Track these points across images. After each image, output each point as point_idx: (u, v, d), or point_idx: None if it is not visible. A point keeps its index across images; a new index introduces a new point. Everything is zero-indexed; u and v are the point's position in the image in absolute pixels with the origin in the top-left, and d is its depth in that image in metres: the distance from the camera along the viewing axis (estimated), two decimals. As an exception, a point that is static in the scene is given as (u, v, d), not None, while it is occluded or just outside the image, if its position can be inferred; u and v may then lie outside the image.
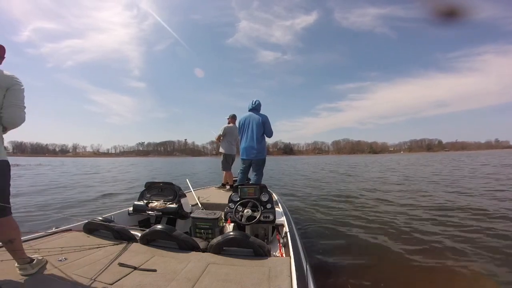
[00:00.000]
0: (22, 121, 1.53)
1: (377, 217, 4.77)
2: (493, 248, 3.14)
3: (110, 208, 5.80)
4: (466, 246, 3.23)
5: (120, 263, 1.50)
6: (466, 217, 4.61)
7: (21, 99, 1.51)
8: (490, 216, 4.61)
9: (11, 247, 1.42)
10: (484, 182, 9.17)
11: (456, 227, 4.05)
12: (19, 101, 1.50)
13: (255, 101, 4.12)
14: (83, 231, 2.09)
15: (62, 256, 1.61)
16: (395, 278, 2.58)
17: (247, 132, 4.03)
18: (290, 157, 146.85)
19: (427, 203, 5.94)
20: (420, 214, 4.90)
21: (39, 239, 1.92)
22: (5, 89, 1.46)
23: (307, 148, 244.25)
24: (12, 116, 1.47)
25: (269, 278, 1.36)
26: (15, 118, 1.49)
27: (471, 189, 7.68)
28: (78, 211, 5.70)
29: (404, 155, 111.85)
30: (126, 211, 2.86)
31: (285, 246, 2.01)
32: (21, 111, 1.51)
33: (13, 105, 1.46)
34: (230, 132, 4.94)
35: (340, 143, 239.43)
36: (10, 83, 1.47)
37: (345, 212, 5.31)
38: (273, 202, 2.57)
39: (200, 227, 2.28)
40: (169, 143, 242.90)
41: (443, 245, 3.30)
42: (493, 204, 5.51)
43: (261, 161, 4.04)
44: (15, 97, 1.48)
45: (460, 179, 10.59)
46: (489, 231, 3.76)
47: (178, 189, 2.89)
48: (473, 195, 6.81)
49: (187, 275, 1.39)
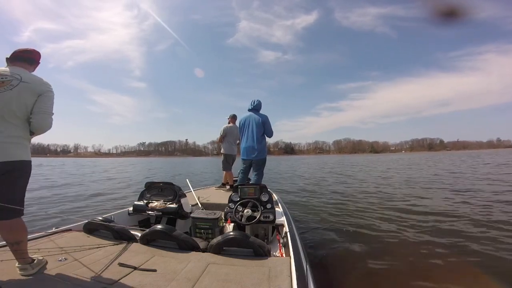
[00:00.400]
0: (49, 127, 1.58)
1: (377, 218, 4.76)
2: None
3: (110, 208, 5.81)
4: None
5: (120, 263, 1.50)
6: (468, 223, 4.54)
7: (50, 106, 1.58)
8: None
9: (17, 248, 1.43)
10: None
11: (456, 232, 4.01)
12: (49, 108, 1.56)
13: (255, 101, 4.11)
14: (83, 231, 2.09)
15: (62, 256, 1.61)
16: (395, 278, 2.58)
17: (247, 132, 4.03)
18: (291, 156, 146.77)
19: (429, 204, 5.92)
20: (421, 215, 4.88)
21: (39, 239, 1.92)
22: (38, 95, 1.52)
23: (308, 148, 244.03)
24: (41, 122, 1.53)
25: (269, 278, 1.35)
26: (43, 125, 1.54)
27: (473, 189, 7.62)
28: (77, 211, 5.70)
29: (405, 155, 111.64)
30: (126, 211, 2.86)
31: (285, 246, 2.00)
32: (49, 118, 1.57)
33: (42, 112, 1.52)
34: (230, 132, 4.93)
35: (341, 142, 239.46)
36: (43, 89, 1.55)
37: (345, 212, 5.30)
38: (273, 202, 2.57)
39: (200, 227, 2.28)
40: (170, 143, 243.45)
41: (444, 246, 3.29)
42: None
43: (261, 161, 4.04)
44: (46, 104, 1.54)
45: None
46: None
47: (178, 189, 2.89)
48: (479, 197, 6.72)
49: (187, 275, 1.39)
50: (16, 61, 1.59)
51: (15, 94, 1.44)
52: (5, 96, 1.42)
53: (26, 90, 1.48)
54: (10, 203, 1.38)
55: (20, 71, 1.53)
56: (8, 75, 1.48)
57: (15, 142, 1.44)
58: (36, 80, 1.54)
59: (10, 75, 1.49)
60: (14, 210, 1.41)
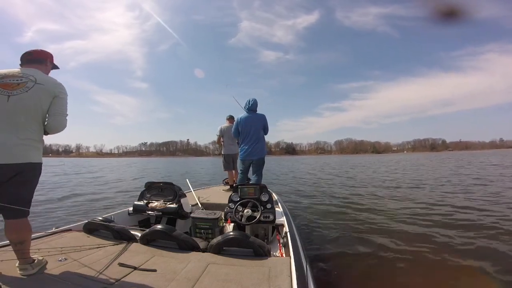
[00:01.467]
0: (64, 128, 1.62)
1: (377, 218, 4.76)
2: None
3: (110, 208, 5.82)
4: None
5: (120, 263, 1.49)
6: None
7: (65, 107, 1.61)
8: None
9: (20, 248, 1.43)
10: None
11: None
12: (64, 109, 1.60)
13: (251, 100, 4.03)
14: (83, 231, 2.09)
15: (62, 256, 1.61)
16: (395, 278, 2.58)
17: (246, 132, 4.02)
18: (292, 157, 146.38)
19: (433, 203, 5.92)
20: (422, 215, 4.89)
21: (39, 239, 1.92)
22: (53, 97, 1.55)
23: (310, 148, 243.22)
24: (56, 124, 1.57)
25: (269, 278, 1.35)
26: (59, 126, 1.58)
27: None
28: (76, 211, 5.71)
29: (407, 155, 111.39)
30: (126, 211, 2.86)
31: (285, 246, 2.00)
32: (65, 119, 1.60)
33: (58, 113, 1.56)
34: (227, 132, 4.91)
35: (343, 143, 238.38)
36: (58, 91, 1.57)
37: (345, 212, 5.30)
38: (273, 202, 2.57)
39: (200, 227, 2.28)
40: (171, 143, 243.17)
41: (445, 247, 3.29)
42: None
43: (261, 161, 4.04)
44: (61, 106, 1.58)
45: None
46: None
47: (178, 189, 2.89)
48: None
49: (187, 275, 1.39)
50: (28, 62, 1.60)
51: (31, 96, 1.45)
52: (21, 98, 1.43)
53: (42, 91, 1.49)
54: (18, 203, 1.40)
55: (34, 72, 1.54)
56: (23, 77, 1.49)
57: (29, 145, 1.45)
58: (50, 82, 1.56)
59: (25, 77, 1.49)
60: (22, 210, 1.43)
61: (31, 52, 1.63)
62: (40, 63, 1.64)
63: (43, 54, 1.68)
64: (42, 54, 1.68)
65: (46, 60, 1.68)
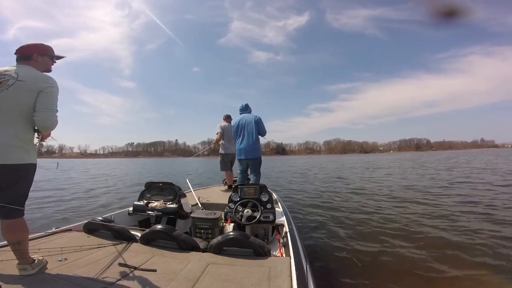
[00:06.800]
0: (55, 124, 1.53)
1: (377, 218, 4.77)
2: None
3: (110, 208, 5.79)
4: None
5: (120, 263, 1.49)
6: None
7: (53, 102, 1.52)
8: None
9: (18, 248, 1.42)
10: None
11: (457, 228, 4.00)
12: (51, 105, 1.50)
13: (243, 105, 4.31)
14: (83, 231, 2.08)
15: (62, 256, 1.61)
16: (395, 278, 2.58)
17: (243, 132, 4.07)
18: (282, 157, 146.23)
19: (431, 203, 5.94)
20: (423, 215, 4.90)
21: (39, 239, 1.91)
22: (37, 93, 1.46)
23: (299, 148, 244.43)
24: (44, 120, 1.47)
25: (269, 278, 1.36)
26: (47, 122, 1.49)
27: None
28: (76, 211, 5.65)
29: (394, 155, 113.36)
30: (126, 211, 2.85)
31: (285, 246, 2.01)
32: (53, 115, 1.51)
33: (43, 109, 1.47)
34: (227, 131, 4.86)
35: (331, 143, 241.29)
36: (42, 86, 1.48)
37: (345, 212, 5.31)
38: (273, 202, 2.57)
39: (200, 227, 2.28)
40: (159, 143, 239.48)
41: (445, 248, 3.31)
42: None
43: (258, 161, 4.09)
44: (47, 101, 1.48)
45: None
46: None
47: (178, 189, 2.89)
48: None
49: (187, 275, 1.39)
50: (18, 60, 1.57)
51: (11, 94, 1.40)
52: (1, 97, 1.39)
53: (21, 88, 1.43)
54: (12, 203, 1.39)
55: (20, 69, 1.49)
56: (6, 75, 1.45)
57: (13, 145, 1.39)
58: (33, 77, 1.48)
59: (8, 74, 1.45)
60: (16, 210, 1.41)
61: (17, 50, 1.57)
62: (28, 59, 1.56)
63: (28, 49, 1.58)
64: (27, 49, 1.58)
65: (32, 55, 1.57)
